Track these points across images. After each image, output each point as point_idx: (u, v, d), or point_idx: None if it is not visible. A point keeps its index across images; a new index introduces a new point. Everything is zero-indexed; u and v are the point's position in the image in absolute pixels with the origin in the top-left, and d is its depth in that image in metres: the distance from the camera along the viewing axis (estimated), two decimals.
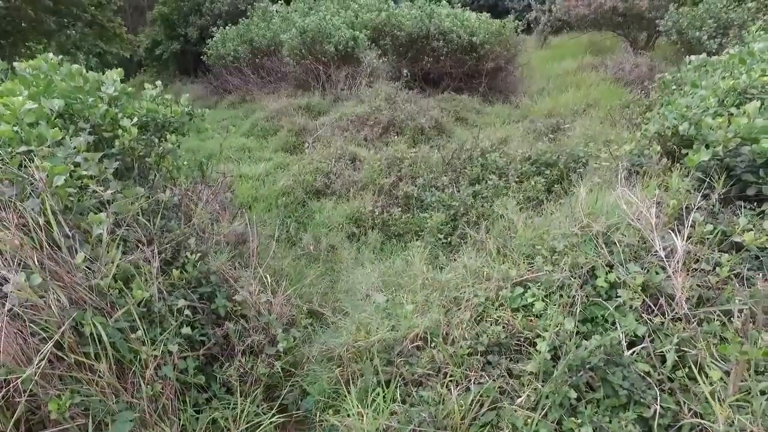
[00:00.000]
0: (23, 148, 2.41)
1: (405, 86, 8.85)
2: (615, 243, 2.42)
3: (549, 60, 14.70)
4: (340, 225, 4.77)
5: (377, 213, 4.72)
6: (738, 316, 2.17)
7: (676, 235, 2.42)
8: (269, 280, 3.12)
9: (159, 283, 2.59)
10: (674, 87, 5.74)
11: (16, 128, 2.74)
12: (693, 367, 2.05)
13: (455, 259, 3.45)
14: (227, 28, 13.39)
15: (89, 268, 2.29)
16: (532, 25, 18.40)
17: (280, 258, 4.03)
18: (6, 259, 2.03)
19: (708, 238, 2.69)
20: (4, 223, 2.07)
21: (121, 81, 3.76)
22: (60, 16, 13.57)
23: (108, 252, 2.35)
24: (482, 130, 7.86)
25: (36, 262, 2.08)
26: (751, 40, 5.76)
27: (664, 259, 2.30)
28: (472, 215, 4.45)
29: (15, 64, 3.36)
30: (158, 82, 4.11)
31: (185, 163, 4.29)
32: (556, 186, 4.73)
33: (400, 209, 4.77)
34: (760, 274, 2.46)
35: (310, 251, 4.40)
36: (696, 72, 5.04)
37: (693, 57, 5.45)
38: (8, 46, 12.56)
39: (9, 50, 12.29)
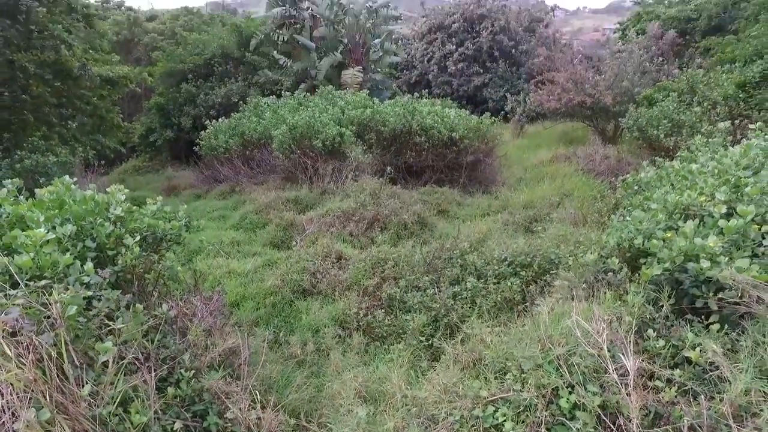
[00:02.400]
0: (43, 282, 2.66)
1: (389, 181, 9.40)
2: (574, 364, 2.68)
3: (525, 149, 15.68)
4: (326, 326, 4.98)
5: (362, 315, 4.96)
6: None
7: (628, 355, 2.69)
8: (258, 396, 3.28)
9: (155, 402, 2.75)
10: (636, 187, 6.30)
11: (32, 254, 3.02)
12: None
13: (435, 367, 3.67)
14: (220, 120, 14.17)
15: (92, 395, 2.47)
16: (508, 115, 19.72)
17: (270, 364, 4.19)
18: (18, 394, 2.22)
19: (662, 353, 2.98)
20: (22, 359, 2.28)
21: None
22: (62, 107, 14.27)
23: (111, 379, 2.54)
24: (463, 222, 8.32)
25: (46, 396, 2.27)
26: (696, 150, 6.42)
27: (618, 381, 2.56)
28: (452, 317, 4.71)
29: (36, 191, 3.70)
30: (159, 198, 4.45)
31: (179, 268, 4.54)
32: (531, 286, 5.06)
33: (383, 311, 5.01)
34: (706, 390, 2.72)
35: (297, 355, 4.57)
36: (646, 189, 5.58)
37: (647, 166, 6.02)
38: (10, 137, 13.07)
39: (10, 142, 12.77)
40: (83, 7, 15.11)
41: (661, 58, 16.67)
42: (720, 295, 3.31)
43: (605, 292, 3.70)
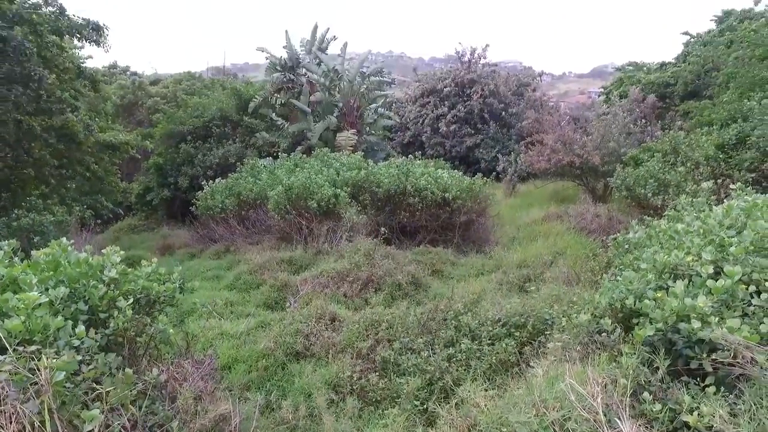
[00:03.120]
0: (33, 347, 2.64)
1: (383, 241, 9.48)
2: (570, 430, 2.64)
3: (518, 208, 15.92)
4: (318, 390, 4.86)
5: (355, 378, 4.86)
6: None
7: (625, 420, 2.66)
8: None
9: None
10: (626, 246, 6.39)
11: (23, 317, 3.01)
12: None
13: None
14: (217, 181, 14.41)
15: None
16: (500, 175, 20.18)
17: (261, 430, 4.06)
18: None
19: (659, 417, 2.93)
20: (3, 430, 2.23)
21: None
22: (63, 168, 14.51)
23: None
24: (457, 282, 8.32)
25: None
26: (682, 209, 6.58)
27: None
28: (447, 380, 4.63)
29: (33, 252, 3.73)
30: (154, 259, 4.47)
31: (171, 330, 4.49)
32: (526, 347, 5.01)
33: (377, 374, 4.92)
34: None
35: (289, 420, 4.44)
36: (635, 248, 5.68)
37: (636, 226, 6.15)
38: (8, 196, 13.19)
39: (8, 202, 12.87)
40: (91, 72, 15.73)
41: (644, 120, 17.36)
42: (714, 356, 3.31)
43: (599, 354, 3.68)
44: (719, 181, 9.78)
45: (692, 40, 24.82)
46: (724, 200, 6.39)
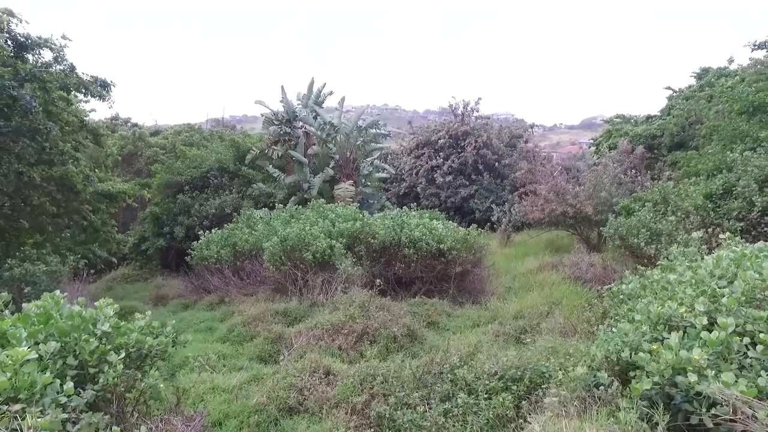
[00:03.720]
0: (18, 406, 2.59)
1: (378, 292, 9.43)
2: None
3: (513, 258, 15.95)
4: None
5: None
6: None
7: None
8: None
9: None
10: (621, 296, 6.38)
11: (9, 374, 2.95)
12: None
13: None
14: (213, 231, 14.44)
15: None
16: (495, 225, 20.33)
17: None
18: None
19: None
20: None
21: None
22: (59, 217, 14.56)
23: None
24: (453, 334, 8.23)
25: None
26: (674, 259, 6.64)
27: None
28: None
29: (24, 305, 3.70)
30: (148, 312, 4.44)
31: (162, 386, 4.39)
32: (524, 402, 4.91)
33: (372, 431, 4.79)
34: None
35: None
36: (630, 299, 5.70)
37: (629, 276, 6.18)
38: (2, 246, 13.15)
39: (2, 251, 12.83)
40: (93, 125, 16.08)
41: (634, 171, 17.74)
42: (714, 411, 3.25)
43: (597, 409, 3.62)
44: (709, 230, 9.91)
45: (675, 94, 25.77)
46: (715, 249, 6.46)
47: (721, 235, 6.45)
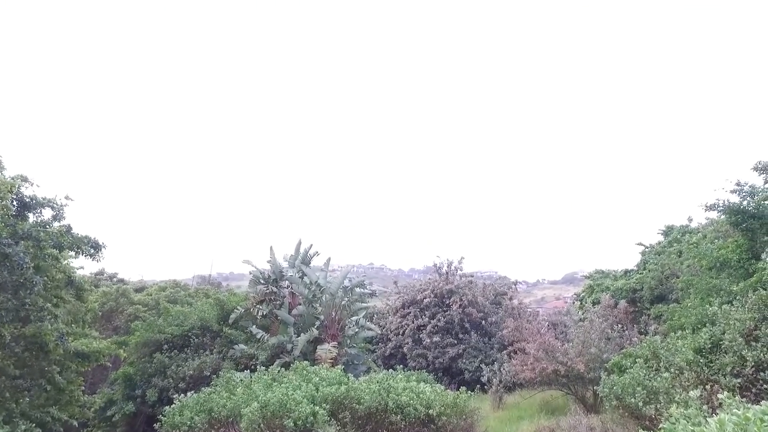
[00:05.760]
0: None
1: None
2: None
3: (507, 422, 15.00)
4: None
5: None
6: None
7: None
8: None
9: None
10: None
11: None
12: None
13: None
14: (189, 394, 13.52)
15: None
16: (485, 386, 19.46)
17: None
18: None
19: None
20: None
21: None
22: (21, 378, 13.59)
23: None
24: None
25: None
26: (675, 422, 6.35)
27: None
28: None
29: None
30: None
31: None
32: None
33: None
34: None
35: None
36: None
37: None
38: None
39: None
40: (79, 281, 16.01)
41: (620, 325, 17.74)
42: None
43: None
44: (707, 387, 9.64)
45: (647, 249, 27.07)
46: (717, 409, 6.22)
47: (720, 395, 6.30)
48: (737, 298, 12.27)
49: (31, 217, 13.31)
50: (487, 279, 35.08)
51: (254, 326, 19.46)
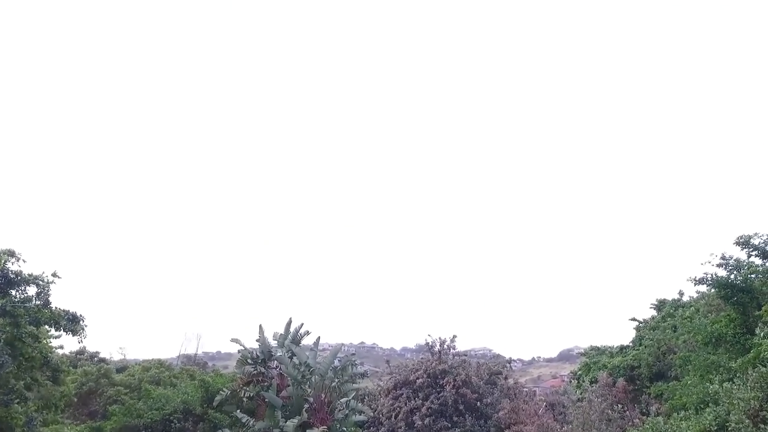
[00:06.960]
0: None
1: None
2: None
3: None
4: None
5: None
6: None
7: None
8: None
9: None
10: None
11: None
12: None
13: None
14: None
15: None
16: None
17: None
18: None
19: None
20: None
21: None
22: None
23: None
24: None
25: None
26: None
27: None
28: None
29: None
30: None
31: None
32: None
33: None
34: None
35: None
36: None
37: None
38: None
39: None
40: (56, 363, 15.39)
41: (620, 405, 17.12)
42: None
43: None
44: None
45: (641, 324, 26.73)
46: None
47: None
48: (737, 375, 12.04)
49: (14, 293, 13.04)
50: (480, 357, 34.25)
51: (239, 410, 18.51)
